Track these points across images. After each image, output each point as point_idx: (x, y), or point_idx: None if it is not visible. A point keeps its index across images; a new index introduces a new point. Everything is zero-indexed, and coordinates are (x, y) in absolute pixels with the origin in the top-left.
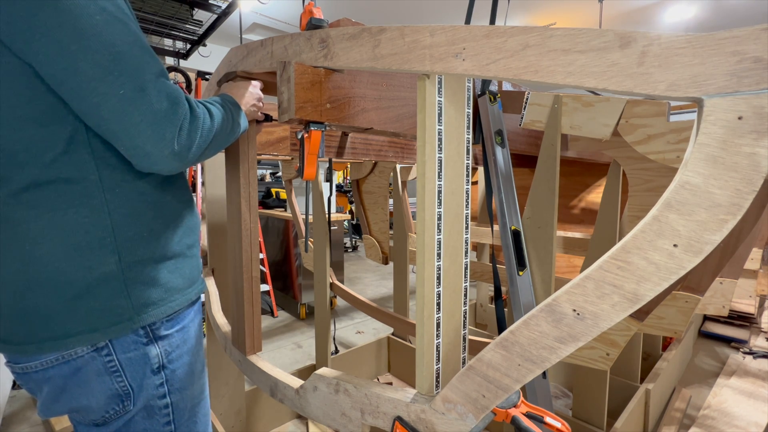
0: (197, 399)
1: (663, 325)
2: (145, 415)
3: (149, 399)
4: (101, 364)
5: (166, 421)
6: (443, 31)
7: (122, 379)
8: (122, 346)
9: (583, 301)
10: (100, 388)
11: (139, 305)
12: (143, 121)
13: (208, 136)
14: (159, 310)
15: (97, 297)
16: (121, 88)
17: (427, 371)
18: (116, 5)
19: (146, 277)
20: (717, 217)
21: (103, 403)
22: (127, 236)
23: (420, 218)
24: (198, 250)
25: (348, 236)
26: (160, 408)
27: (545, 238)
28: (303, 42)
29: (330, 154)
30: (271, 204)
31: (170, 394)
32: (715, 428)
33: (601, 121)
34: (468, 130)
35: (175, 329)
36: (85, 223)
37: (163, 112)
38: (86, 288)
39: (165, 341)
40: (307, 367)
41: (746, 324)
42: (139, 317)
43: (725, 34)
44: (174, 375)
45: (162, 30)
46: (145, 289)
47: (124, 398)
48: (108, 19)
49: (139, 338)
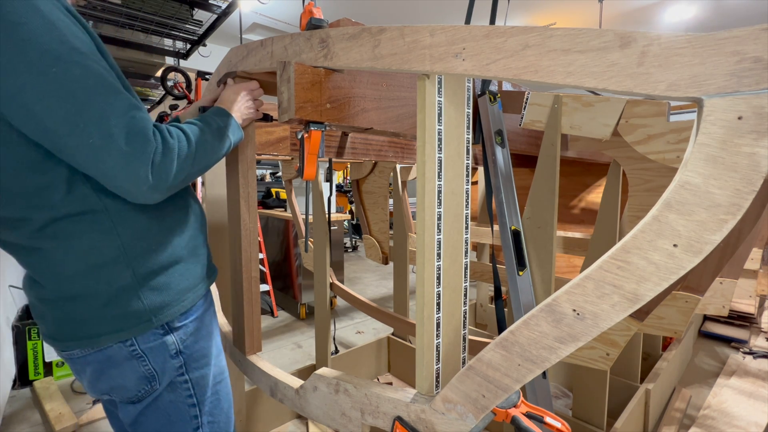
0: (218, 378)
1: (663, 325)
2: (169, 390)
3: (171, 378)
4: (127, 352)
5: (188, 394)
6: (443, 31)
7: (146, 363)
8: (143, 339)
9: (583, 301)
10: (131, 371)
11: (154, 308)
12: (116, 165)
13: (186, 160)
14: (172, 310)
15: (119, 305)
16: (89, 138)
17: (427, 371)
18: (70, 47)
19: (158, 284)
20: (717, 217)
21: (134, 384)
22: (136, 252)
23: (420, 218)
24: (204, 247)
25: (348, 236)
26: (180, 384)
27: (545, 238)
28: (303, 42)
29: (330, 154)
30: (271, 204)
31: (188, 373)
32: (715, 428)
33: (601, 121)
34: (468, 130)
35: (189, 320)
36: (99, 246)
37: (133, 153)
38: (108, 299)
39: (180, 331)
40: (307, 367)
41: (746, 324)
42: (156, 318)
43: (725, 34)
44: (191, 357)
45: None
46: (158, 295)
47: (150, 380)
48: (65, 69)
49: (156, 331)
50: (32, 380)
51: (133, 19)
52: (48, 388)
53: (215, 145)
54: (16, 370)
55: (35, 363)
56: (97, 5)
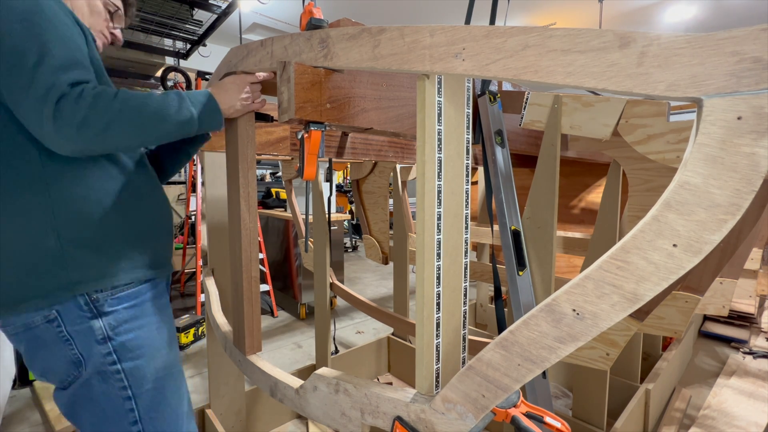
0: (161, 372)
1: (663, 325)
2: (100, 379)
3: (99, 365)
4: (54, 334)
5: (121, 386)
6: (443, 31)
7: (73, 347)
8: (69, 319)
9: (583, 301)
10: (59, 353)
11: (76, 278)
12: (30, 106)
13: (103, 113)
14: (96, 283)
15: (40, 270)
16: (27, 88)
17: (427, 371)
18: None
19: (83, 255)
20: (716, 217)
21: (63, 368)
22: (65, 218)
23: (420, 218)
24: (156, 240)
25: (348, 236)
26: (112, 373)
27: (545, 238)
28: (303, 42)
29: (330, 154)
30: (271, 204)
31: (121, 362)
32: (715, 428)
33: (601, 121)
34: (468, 130)
35: (121, 306)
36: (29, 208)
37: (43, 94)
38: (32, 264)
39: (110, 316)
40: (307, 367)
41: (746, 324)
42: (76, 287)
43: (724, 34)
44: (123, 346)
45: (162, 30)
46: (81, 265)
47: (77, 364)
48: (24, 26)
49: (83, 313)
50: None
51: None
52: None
53: (158, 114)
54: (16, 370)
55: None
56: None
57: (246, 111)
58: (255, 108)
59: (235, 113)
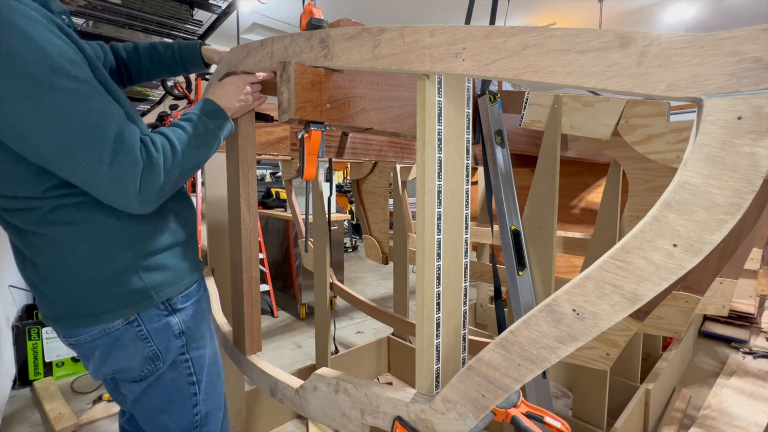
0: (212, 359)
1: (663, 325)
2: (172, 369)
3: (174, 357)
4: (134, 333)
5: (188, 372)
6: (443, 31)
7: (151, 344)
8: (149, 319)
9: (583, 301)
10: (136, 352)
11: (154, 286)
12: (108, 184)
13: (173, 170)
14: (172, 288)
15: (120, 284)
16: (82, 161)
17: (427, 371)
18: (62, 74)
19: (157, 264)
20: (716, 217)
21: (139, 364)
22: (136, 234)
23: (420, 218)
24: (195, 236)
25: (348, 236)
26: (182, 362)
27: (545, 238)
28: (303, 42)
29: (330, 154)
30: (271, 204)
31: (189, 352)
32: (715, 428)
33: (601, 121)
34: (468, 130)
35: (189, 303)
36: (102, 230)
37: (122, 174)
38: (111, 278)
39: (182, 312)
40: (307, 367)
41: (746, 324)
42: (157, 295)
43: (724, 34)
44: (191, 337)
45: (162, 30)
46: (157, 273)
47: (155, 359)
48: (57, 98)
49: (160, 312)
50: (32, 380)
51: (133, 19)
52: (48, 388)
53: (202, 150)
54: (16, 370)
55: (35, 363)
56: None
57: (246, 111)
58: (254, 106)
59: (235, 113)
